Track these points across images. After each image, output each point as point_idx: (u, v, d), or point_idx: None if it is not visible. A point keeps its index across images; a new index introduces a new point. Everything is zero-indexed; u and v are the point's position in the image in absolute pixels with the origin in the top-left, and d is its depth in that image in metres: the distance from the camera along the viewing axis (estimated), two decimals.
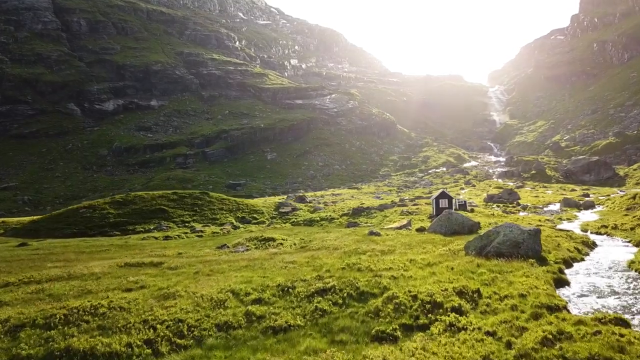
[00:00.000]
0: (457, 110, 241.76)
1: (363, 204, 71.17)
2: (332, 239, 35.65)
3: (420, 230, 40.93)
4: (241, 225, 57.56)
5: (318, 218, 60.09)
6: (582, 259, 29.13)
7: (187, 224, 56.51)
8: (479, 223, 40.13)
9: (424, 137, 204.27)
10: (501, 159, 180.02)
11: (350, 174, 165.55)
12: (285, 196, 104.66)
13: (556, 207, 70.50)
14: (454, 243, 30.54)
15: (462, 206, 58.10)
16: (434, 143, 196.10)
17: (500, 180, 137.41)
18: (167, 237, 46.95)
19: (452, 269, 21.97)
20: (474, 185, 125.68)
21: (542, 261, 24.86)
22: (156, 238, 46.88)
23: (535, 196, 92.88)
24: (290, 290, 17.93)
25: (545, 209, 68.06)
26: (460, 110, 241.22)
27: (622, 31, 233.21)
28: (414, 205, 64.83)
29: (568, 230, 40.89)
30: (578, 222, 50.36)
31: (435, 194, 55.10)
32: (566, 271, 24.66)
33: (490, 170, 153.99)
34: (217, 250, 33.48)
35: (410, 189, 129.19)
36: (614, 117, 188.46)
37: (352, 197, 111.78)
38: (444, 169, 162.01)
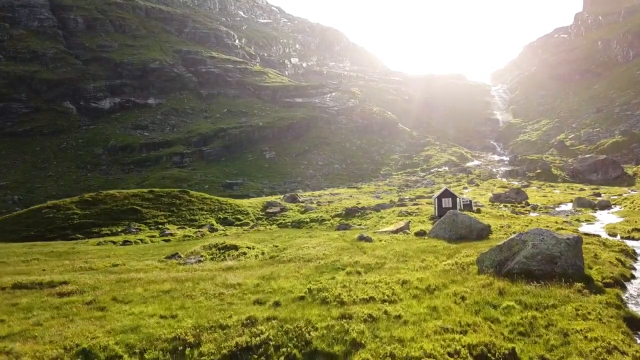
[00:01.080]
0: (459, 109, 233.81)
1: (359, 203, 63.86)
2: (312, 245, 28.82)
3: (420, 234, 34.36)
4: (221, 227, 50.48)
5: (307, 219, 52.92)
6: (632, 276, 21.53)
7: (160, 226, 49.55)
8: (489, 226, 33.39)
9: (426, 136, 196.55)
10: (505, 158, 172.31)
11: (350, 174, 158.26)
12: (281, 196, 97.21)
13: (568, 207, 62.99)
14: (462, 253, 23.45)
15: (468, 206, 50.67)
16: (436, 142, 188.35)
17: (504, 180, 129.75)
18: (126, 242, 40.09)
19: (464, 299, 14.83)
20: (477, 185, 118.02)
21: (588, 283, 17.41)
22: (114, 243, 40.04)
23: (544, 195, 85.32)
24: (187, 351, 10.60)
25: (557, 209, 60.51)
26: (462, 110, 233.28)
27: (627, 29, 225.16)
28: (414, 205, 57.47)
29: (596, 235, 33.26)
30: (600, 224, 42.95)
31: (438, 192, 47.56)
32: (624, 296, 17.10)
33: (494, 170, 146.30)
34: (164, 261, 26.48)
35: (412, 188, 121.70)
36: (620, 116, 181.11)
37: (351, 196, 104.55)
38: (446, 168, 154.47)
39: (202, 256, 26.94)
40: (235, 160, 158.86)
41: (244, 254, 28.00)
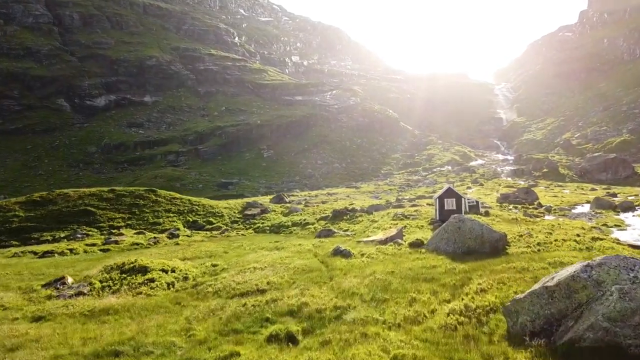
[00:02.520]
0: (462, 108, 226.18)
1: (352, 204, 56.99)
2: (264, 265, 22.14)
3: (416, 245, 27.05)
4: (188, 232, 43.75)
5: (289, 223, 46.13)
6: None
7: (114, 231, 42.75)
8: (505, 236, 25.69)
9: (428, 135, 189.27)
10: (509, 157, 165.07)
11: (350, 173, 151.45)
12: (271, 196, 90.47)
13: (585, 208, 55.94)
14: (474, 283, 16.29)
15: (474, 207, 43.65)
16: (438, 141, 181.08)
17: (509, 179, 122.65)
18: (47, 253, 33.23)
19: None
20: (481, 184, 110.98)
21: None
22: (35, 254, 33.16)
23: (554, 196, 78.16)
24: None
25: (574, 211, 53.43)
26: (465, 108, 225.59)
27: (633, 26, 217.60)
28: (413, 206, 50.52)
29: None
30: (636, 231, 35.75)
31: (440, 191, 40.38)
32: None
33: (499, 169, 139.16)
34: (36, 291, 19.58)
35: (413, 188, 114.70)
36: (627, 114, 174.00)
37: (348, 196, 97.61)
38: (449, 167, 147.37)
39: (91, 284, 19.95)
40: (232, 159, 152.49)
41: (152, 280, 20.94)
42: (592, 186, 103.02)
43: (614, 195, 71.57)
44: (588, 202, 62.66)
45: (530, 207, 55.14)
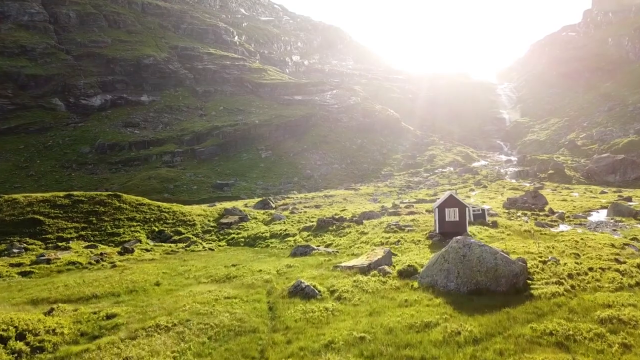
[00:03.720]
0: (464, 108, 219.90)
1: (344, 209, 51.52)
2: (185, 314, 15.92)
3: (407, 274, 21.04)
4: (150, 244, 38.31)
5: (268, 234, 40.64)
6: None
7: (62, 243, 37.10)
8: (525, 266, 19.30)
9: (430, 135, 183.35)
10: (512, 158, 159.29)
11: (349, 174, 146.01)
12: (259, 199, 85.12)
13: (602, 215, 50.32)
14: None
15: (479, 216, 38.05)
16: (440, 141, 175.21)
17: (514, 181, 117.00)
18: None
19: None
20: (485, 187, 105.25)
21: None
22: None
23: (563, 199, 72.44)
24: None
25: (590, 218, 47.74)
26: (468, 108, 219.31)
27: (639, 25, 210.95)
28: (410, 213, 44.89)
29: None
30: None
31: (440, 198, 34.45)
32: None
33: (502, 170, 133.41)
34: None
35: (414, 190, 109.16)
36: (634, 114, 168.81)
37: (345, 199, 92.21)
38: (451, 168, 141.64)
39: None
40: (229, 160, 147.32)
41: None
42: (601, 189, 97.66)
43: (629, 199, 65.82)
44: (603, 207, 57.04)
45: (541, 214, 49.44)
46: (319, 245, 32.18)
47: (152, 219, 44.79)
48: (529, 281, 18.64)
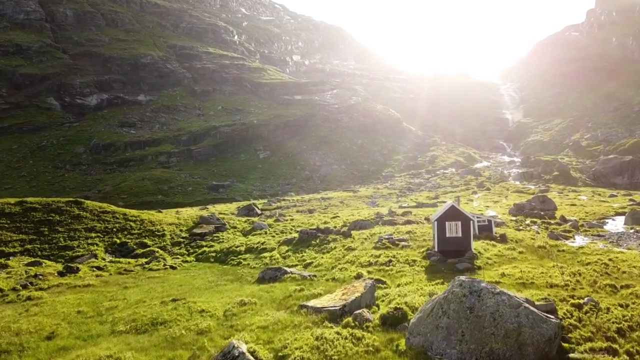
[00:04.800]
0: (466, 108, 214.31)
1: (337, 215, 46.63)
2: None
3: (393, 323, 15.65)
4: (106, 260, 33.59)
5: (243, 248, 35.84)
6: None
7: (1, 260, 31.91)
8: (559, 325, 13.40)
9: (432, 135, 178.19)
10: (516, 159, 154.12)
11: (349, 175, 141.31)
12: (248, 202, 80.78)
13: (618, 223, 45.53)
14: None
15: (486, 228, 33.13)
16: (442, 142, 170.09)
17: (518, 183, 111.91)
18: None
19: None
20: (488, 189, 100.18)
21: None
22: None
23: (572, 204, 67.26)
24: None
25: (607, 227, 42.82)
26: (470, 109, 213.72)
27: None
28: (407, 223, 39.89)
29: None
30: None
31: (440, 210, 28.98)
32: None
33: (505, 172, 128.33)
34: None
35: (414, 192, 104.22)
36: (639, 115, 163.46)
37: (342, 202, 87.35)
38: (453, 169, 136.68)
39: None
40: (226, 161, 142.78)
41: None
42: (610, 191, 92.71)
43: None
44: (617, 213, 52.03)
45: (552, 222, 44.40)
46: (296, 265, 27.31)
47: (115, 229, 39.86)
48: (564, 344, 13.21)
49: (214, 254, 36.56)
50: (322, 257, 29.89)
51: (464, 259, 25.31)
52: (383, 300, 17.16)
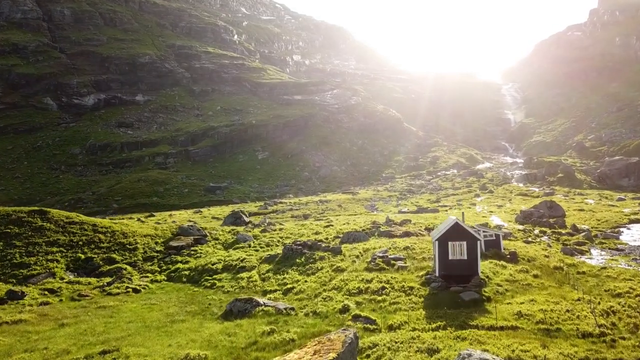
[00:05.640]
0: (468, 108, 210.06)
1: (330, 224, 42.89)
2: None
3: None
4: (66, 280, 29.64)
5: (220, 265, 32.17)
6: None
7: None
8: None
9: (433, 136, 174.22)
10: (518, 160, 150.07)
11: (349, 176, 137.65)
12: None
13: (634, 233, 42.06)
14: None
15: (493, 244, 29.19)
16: (443, 143, 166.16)
17: (521, 185, 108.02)
18: None
19: None
20: (491, 192, 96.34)
21: None
22: None
23: (580, 209, 63.41)
24: None
25: (623, 238, 39.36)
26: (471, 109, 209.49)
27: None
28: (405, 235, 36.06)
29: None
30: None
31: (441, 226, 24.58)
32: None
33: (508, 173, 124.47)
34: None
35: (415, 194, 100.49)
36: None
37: (340, 205, 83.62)
38: (455, 170, 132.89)
39: None
40: (224, 161, 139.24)
41: None
42: (617, 194, 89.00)
43: None
44: (631, 221, 48.26)
45: (563, 232, 40.60)
46: (275, 290, 23.49)
47: (81, 243, 35.95)
48: None
49: (187, 272, 32.87)
50: (305, 281, 26.08)
51: (470, 286, 21.58)
52: (369, 356, 13.48)
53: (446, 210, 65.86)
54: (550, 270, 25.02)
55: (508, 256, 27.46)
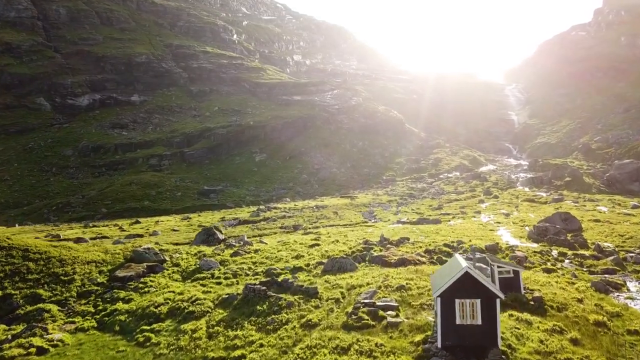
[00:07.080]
0: (471, 109, 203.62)
1: (317, 243, 37.00)
2: None
3: None
4: None
5: (165, 309, 25.75)
6: None
7: None
8: None
9: (435, 137, 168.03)
10: (523, 162, 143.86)
11: (349, 178, 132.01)
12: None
13: None
14: None
15: (511, 284, 22.40)
16: (446, 144, 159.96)
17: (527, 189, 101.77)
18: None
19: None
20: (496, 197, 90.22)
21: None
22: None
23: (595, 220, 57.39)
24: None
25: None
26: (474, 109, 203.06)
27: None
28: (401, 263, 29.84)
29: None
30: None
31: (445, 273, 17.23)
32: None
33: (513, 176, 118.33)
34: None
35: (416, 199, 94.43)
36: None
37: (336, 212, 77.69)
38: (458, 173, 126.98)
39: None
40: (220, 163, 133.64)
41: None
42: (629, 200, 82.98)
43: None
44: None
45: (587, 254, 34.58)
46: (220, 358, 17.44)
47: (2, 275, 29.58)
48: None
49: (124, 317, 26.41)
50: (261, 345, 19.83)
51: None
52: None
53: (449, 220, 59.83)
54: (591, 327, 18.80)
55: (532, 302, 21.03)
